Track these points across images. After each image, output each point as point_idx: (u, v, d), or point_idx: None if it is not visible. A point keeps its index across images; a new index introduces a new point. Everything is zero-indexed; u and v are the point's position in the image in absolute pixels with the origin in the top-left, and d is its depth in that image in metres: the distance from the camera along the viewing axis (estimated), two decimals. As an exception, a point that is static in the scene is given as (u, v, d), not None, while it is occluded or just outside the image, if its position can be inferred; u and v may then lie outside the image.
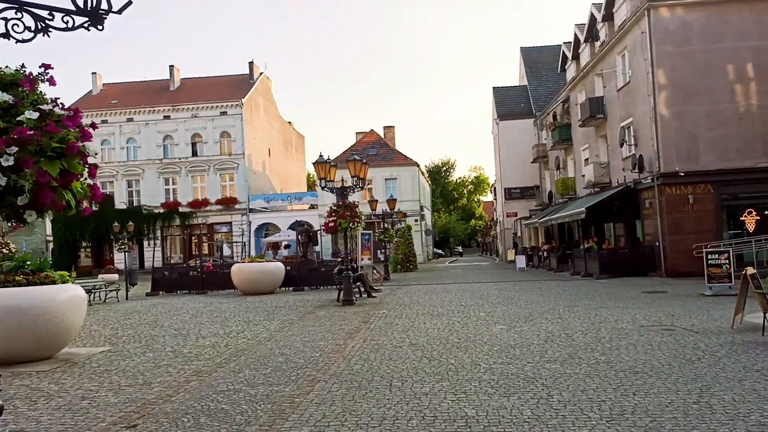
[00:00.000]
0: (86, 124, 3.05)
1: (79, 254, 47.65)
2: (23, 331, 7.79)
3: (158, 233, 46.81)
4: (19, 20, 3.19)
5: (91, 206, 3.27)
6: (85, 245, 47.76)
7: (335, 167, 16.24)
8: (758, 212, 21.04)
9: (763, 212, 21.06)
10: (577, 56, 32.09)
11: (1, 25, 3.17)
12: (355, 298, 15.47)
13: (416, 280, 26.24)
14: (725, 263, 14.19)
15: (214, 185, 48.07)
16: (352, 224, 15.43)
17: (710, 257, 14.41)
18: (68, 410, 5.68)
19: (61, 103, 3.08)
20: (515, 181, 44.59)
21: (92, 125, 3.05)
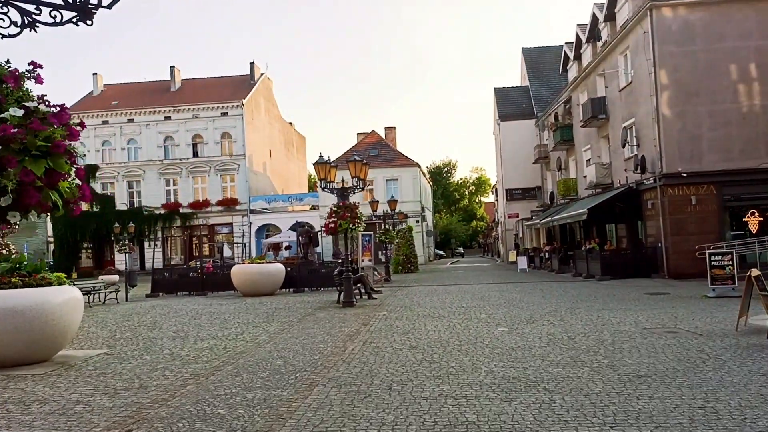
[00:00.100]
0: (74, 122, 2.95)
1: (80, 255, 47.65)
2: (19, 333, 7.69)
3: (159, 234, 46.79)
4: (4, 15, 3.07)
5: (79, 205, 3.17)
6: (86, 246, 47.77)
7: (335, 168, 16.15)
8: (761, 213, 20.91)
9: (766, 213, 20.92)
10: (578, 56, 31.98)
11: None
12: (355, 299, 15.38)
13: (417, 281, 26.13)
14: (728, 265, 14.07)
15: (214, 186, 48.04)
16: (352, 225, 15.34)
17: (713, 258, 14.28)
18: (62, 415, 5.58)
19: (47, 100, 2.97)
20: (517, 181, 44.48)
21: (80, 124, 2.95)
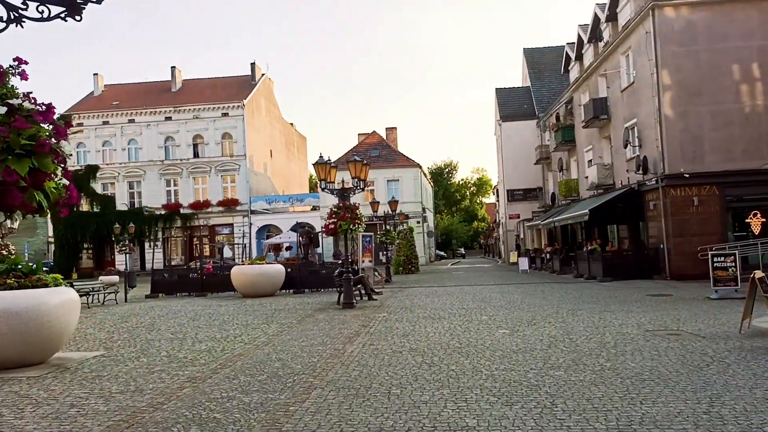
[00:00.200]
0: (60, 120, 2.85)
1: (80, 256, 47.60)
2: (14, 335, 7.60)
3: (159, 235, 46.73)
4: (-11, 10, 2.99)
5: (66, 207, 3.06)
6: (86, 247, 47.71)
7: (335, 168, 16.07)
8: (764, 214, 20.77)
9: (768, 214, 20.82)
10: (580, 57, 31.86)
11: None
12: (355, 300, 15.29)
13: (418, 282, 26.03)
14: (731, 266, 13.95)
15: (215, 187, 47.97)
16: (352, 226, 15.25)
17: (716, 260, 14.17)
18: (55, 419, 5.49)
19: (33, 98, 2.87)
20: (518, 182, 44.37)
21: (67, 123, 2.86)
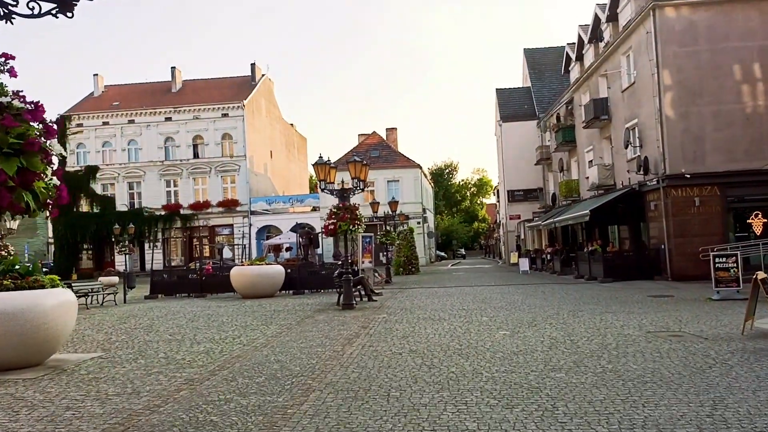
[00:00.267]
0: (50, 119, 2.78)
1: (80, 256, 47.58)
2: (10, 336, 7.55)
3: (159, 235, 46.67)
4: (-22, 7, 2.92)
5: (57, 207, 2.98)
6: (86, 247, 47.68)
7: (335, 169, 16.00)
8: (765, 215, 20.68)
9: (770, 215, 20.73)
10: (581, 57, 31.79)
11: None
12: (355, 301, 15.22)
13: (418, 283, 25.96)
14: (733, 267, 13.86)
15: (215, 187, 47.91)
16: (352, 227, 15.19)
17: (717, 260, 14.08)
18: (50, 422, 5.43)
19: (23, 96, 2.80)
20: (518, 183, 44.27)
21: (57, 122, 2.80)
